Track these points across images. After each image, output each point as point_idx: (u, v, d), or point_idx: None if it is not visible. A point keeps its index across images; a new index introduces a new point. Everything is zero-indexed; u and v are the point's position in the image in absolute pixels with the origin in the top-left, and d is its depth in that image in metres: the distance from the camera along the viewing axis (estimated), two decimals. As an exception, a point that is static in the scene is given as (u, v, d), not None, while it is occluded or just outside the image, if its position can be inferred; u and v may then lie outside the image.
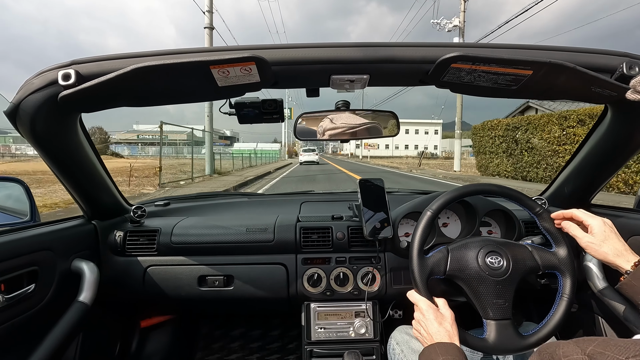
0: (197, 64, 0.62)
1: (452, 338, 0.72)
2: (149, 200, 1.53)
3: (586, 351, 0.42)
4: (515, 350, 0.80)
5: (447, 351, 0.67)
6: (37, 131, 0.76)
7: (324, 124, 0.94)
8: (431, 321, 0.75)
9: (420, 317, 0.78)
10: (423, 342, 0.76)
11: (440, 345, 0.69)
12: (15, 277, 0.84)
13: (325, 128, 0.95)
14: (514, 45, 0.68)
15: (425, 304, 0.78)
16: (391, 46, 0.69)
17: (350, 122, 0.95)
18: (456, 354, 0.67)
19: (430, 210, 0.88)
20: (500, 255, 0.84)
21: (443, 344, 0.70)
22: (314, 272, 1.15)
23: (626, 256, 0.74)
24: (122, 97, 0.73)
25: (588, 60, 0.68)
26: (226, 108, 0.89)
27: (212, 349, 1.70)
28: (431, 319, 0.75)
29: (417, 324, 0.79)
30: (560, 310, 0.81)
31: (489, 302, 0.81)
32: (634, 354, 0.38)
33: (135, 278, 1.16)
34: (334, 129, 0.95)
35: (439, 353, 0.67)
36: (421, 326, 0.77)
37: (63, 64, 0.66)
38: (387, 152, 64.10)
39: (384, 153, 62.02)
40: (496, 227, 1.21)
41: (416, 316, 0.80)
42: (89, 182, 1.03)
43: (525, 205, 0.90)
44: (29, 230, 0.94)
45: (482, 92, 0.76)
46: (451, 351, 0.67)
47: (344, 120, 0.95)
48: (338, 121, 0.95)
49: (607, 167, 1.03)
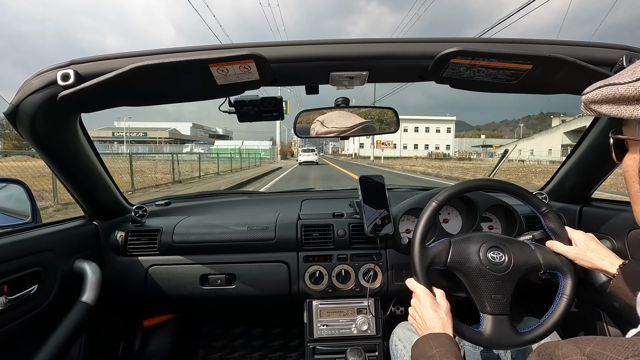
0: (196, 62, 0.62)
1: (445, 327, 0.72)
2: (150, 200, 1.53)
3: (585, 351, 0.42)
4: (510, 346, 0.80)
5: (441, 343, 0.67)
6: (37, 132, 0.76)
7: (326, 121, 0.94)
8: (426, 308, 0.76)
9: (417, 303, 0.79)
10: (417, 328, 0.77)
11: (433, 336, 0.70)
12: (18, 278, 0.84)
13: (327, 125, 0.95)
14: (514, 40, 0.68)
15: (422, 291, 0.79)
16: (390, 42, 0.69)
17: (351, 119, 0.95)
18: (449, 344, 0.67)
19: (436, 201, 0.88)
20: (502, 251, 0.84)
21: (436, 334, 0.70)
22: (316, 270, 1.15)
23: (610, 259, 0.79)
24: (121, 97, 0.73)
25: (588, 54, 0.67)
26: (226, 106, 0.89)
27: (214, 347, 1.70)
28: (427, 306, 0.76)
29: (412, 310, 0.80)
30: (559, 309, 0.82)
31: (487, 297, 0.81)
32: (632, 354, 0.38)
33: (137, 278, 1.16)
34: (334, 126, 0.95)
35: (432, 345, 0.67)
36: (416, 312, 0.78)
37: (62, 64, 0.66)
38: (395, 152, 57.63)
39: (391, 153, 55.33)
40: (497, 223, 1.21)
41: (413, 302, 0.81)
42: (89, 182, 1.03)
43: (531, 203, 0.90)
44: (30, 231, 0.94)
45: (482, 87, 0.76)
46: (445, 342, 0.67)
47: (343, 117, 0.95)
48: (349, 123, 0.95)
49: (607, 162, 1.03)
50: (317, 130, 0.96)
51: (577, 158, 1.11)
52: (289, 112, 7.07)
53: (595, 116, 0.57)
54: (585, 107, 0.54)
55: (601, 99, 0.50)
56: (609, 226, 1.05)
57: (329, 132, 0.95)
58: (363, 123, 0.97)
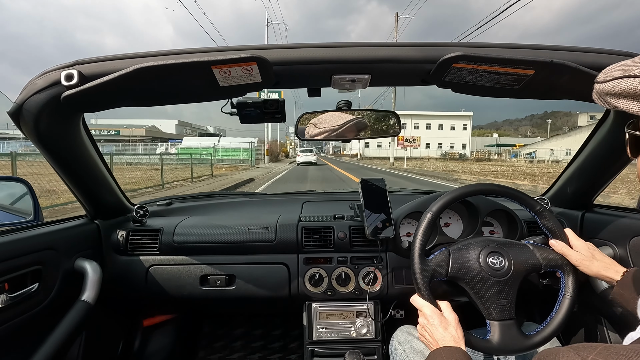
0: (199, 64, 0.62)
1: (457, 342, 0.72)
2: (151, 200, 1.54)
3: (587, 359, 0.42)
4: (520, 350, 0.80)
5: (453, 355, 0.67)
6: (41, 131, 0.77)
7: (327, 124, 0.95)
8: (436, 327, 0.75)
9: (425, 322, 0.78)
10: (429, 346, 0.76)
11: (446, 349, 0.70)
12: (19, 276, 0.85)
13: (329, 128, 0.95)
14: (516, 45, 0.68)
15: (429, 310, 0.78)
16: (392, 46, 0.69)
17: (352, 122, 0.95)
18: (462, 358, 0.67)
19: (431, 212, 0.88)
20: (501, 256, 0.84)
21: (449, 348, 0.70)
22: (316, 272, 1.15)
23: (614, 267, 0.79)
24: (124, 97, 0.74)
25: (590, 60, 0.67)
26: (228, 108, 0.89)
27: (214, 348, 1.70)
28: (436, 325, 0.75)
29: (422, 329, 0.79)
30: (563, 309, 0.81)
31: (492, 303, 0.80)
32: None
33: (137, 277, 1.16)
34: (336, 129, 0.95)
35: (444, 357, 0.67)
36: (426, 332, 0.77)
37: (66, 64, 0.67)
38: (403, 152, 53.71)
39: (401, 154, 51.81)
40: (498, 227, 1.21)
41: (421, 321, 0.80)
42: (91, 182, 1.03)
43: (526, 204, 0.90)
44: (32, 229, 0.94)
45: (484, 92, 0.76)
46: (457, 355, 0.67)
47: (345, 120, 0.95)
48: (340, 121, 0.95)
49: (609, 168, 1.03)
50: (313, 132, 0.96)
51: (579, 163, 1.11)
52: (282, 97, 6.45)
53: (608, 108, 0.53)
54: (599, 98, 0.48)
55: (619, 92, 0.45)
56: (611, 232, 1.05)
57: (328, 135, 0.96)
58: (362, 125, 0.97)
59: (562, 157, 32.74)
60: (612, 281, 0.78)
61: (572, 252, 0.83)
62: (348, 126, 0.95)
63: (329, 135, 0.95)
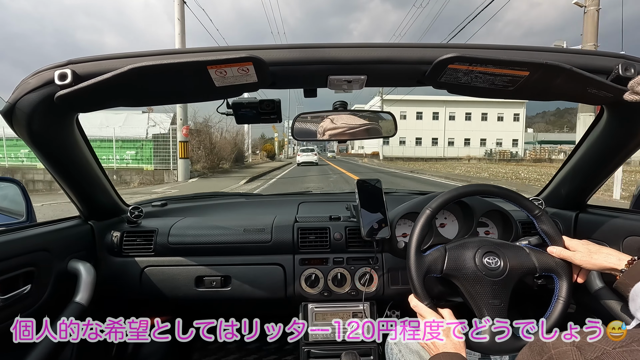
0: (194, 64, 0.62)
1: (458, 349, 0.72)
2: (146, 200, 1.52)
3: (575, 342, 0.43)
4: (511, 351, 0.80)
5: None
6: (33, 131, 0.76)
7: (323, 124, 0.95)
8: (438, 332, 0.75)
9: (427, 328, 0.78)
10: (429, 351, 0.77)
11: (446, 355, 0.70)
12: (11, 277, 0.83)
13: (325, 128, 0.95)
14: (511, 47, 0.69)
15: (430, 316, 0.78)
16: (388, 47, 0.69)
17: (349, 122, 0.95)
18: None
19: (430, 208, 0.88)
20: (497, 256, 0.84)
21: (448, 354, 0.70)
22: (312, 273, 1.15)
23: (616, 256, 0.77)
24: (119, 97, 0.73)
25: (584, 62, 0.68)
26: (224, 108, 0.89)
27: (209, 350, 1.69)
28: (437, 330, 0.75)
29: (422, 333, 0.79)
30: (556, 312, 0.82)
31: (485, 302, 0.81)
32: (620, 344, 0.39)
33: (132, 279, 1.15)
34: (332, 129, 0.95)
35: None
36: (427, 335, 0.77)
37: (59, 63, 0.66)
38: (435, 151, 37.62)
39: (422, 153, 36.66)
40: (493, 228, 1.21)
41: (421, 326, 0.80)
42: (85, 182, 1.02)
43: (524, 206, 0.90)
44: (25, 230, 0.93)
45: (479, 92, 0.76)
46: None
47: (342, 120, 0.95)
48: (336, 122, 0.95)
49: (603, 168, 1.04)
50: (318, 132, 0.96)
51: (573, 164, 1.12)
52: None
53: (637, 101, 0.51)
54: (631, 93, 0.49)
55: None
56: (605, 233, 1.06)
57: (329, 136, 0.96)
58: (364, 125, 0.97)
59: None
60: (615, 270, 0.76)
61: (572, 254, 0.83)
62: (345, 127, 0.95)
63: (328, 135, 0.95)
